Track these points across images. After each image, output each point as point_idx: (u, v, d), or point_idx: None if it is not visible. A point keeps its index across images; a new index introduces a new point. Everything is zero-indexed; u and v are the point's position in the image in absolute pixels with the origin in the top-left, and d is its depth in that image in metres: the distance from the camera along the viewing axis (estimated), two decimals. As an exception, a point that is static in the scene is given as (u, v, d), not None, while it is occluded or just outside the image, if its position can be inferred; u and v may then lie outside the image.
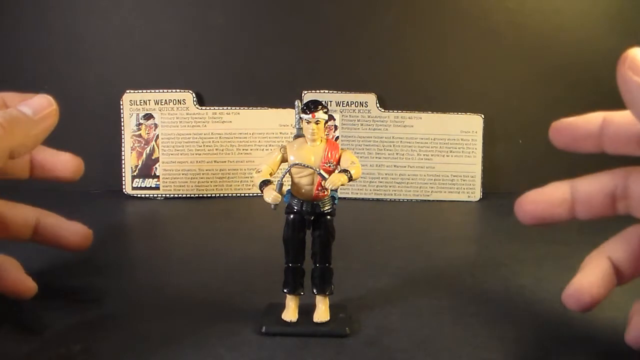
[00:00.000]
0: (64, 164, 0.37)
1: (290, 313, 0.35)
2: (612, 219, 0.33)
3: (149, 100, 0.67)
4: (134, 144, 0.67)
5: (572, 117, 0.33)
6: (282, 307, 0.36)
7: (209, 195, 0.67)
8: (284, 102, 0.67)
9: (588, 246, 0.34)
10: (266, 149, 0.67)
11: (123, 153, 0.67)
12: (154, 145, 0.67)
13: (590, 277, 0.32)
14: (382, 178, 0.67)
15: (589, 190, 0.32)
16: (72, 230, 0.39)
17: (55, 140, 0.36)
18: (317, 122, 0.34)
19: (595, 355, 0.33)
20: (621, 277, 0.33)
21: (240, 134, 0.67)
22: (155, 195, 0.67)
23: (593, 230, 0.37)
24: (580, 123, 0.32)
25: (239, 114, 0.67)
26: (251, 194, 0.67)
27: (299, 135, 0.35)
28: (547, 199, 0.33)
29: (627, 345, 0.33)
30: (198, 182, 0.67)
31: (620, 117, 0.32)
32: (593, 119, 0.32)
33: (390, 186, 0.67)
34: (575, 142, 0.32)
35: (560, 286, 0.42)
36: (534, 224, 0.33)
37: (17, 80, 0.65)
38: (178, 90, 0.67)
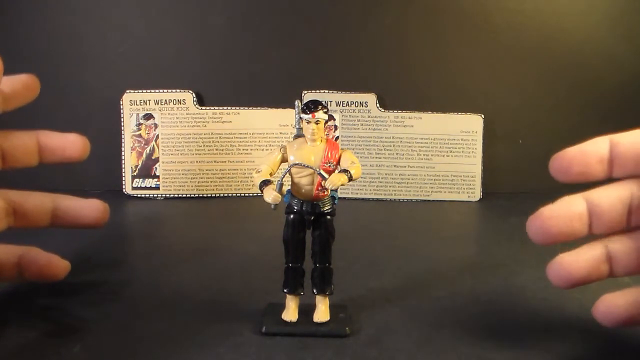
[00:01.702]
0: (73, 144, 0.38)
1: (290, 313, 0.35)
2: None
3: (149, 100, 0.67)
4: (134, 144, 0.67)
5: (574, 148, 0.31)
6: (282, 307, 0.36)
7: (209, 195, 0.67)
8: (284, 102, 0.67)
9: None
10: (266, 149, 0.67)
11: (123, 153, 0.67)
12: (154, 145, 0.67)
13: (575, 256, 0.31)
14: (382, 178, 0.67)
15: (606, 202, 0.31)
16: (89, 208, 0.39)
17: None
18: (317, 122, 0.34)
19: (595, 353, 0.33)
20: (614, 269, 0.32)
21: (240, 134, 0.67)
22: (155, 195, 0.67)
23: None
24: (587, 151, 0.31)
25: (239, 114, 0.67)
26: (251, 194, 0.67)
27: (299, 135, 0.35)
28: (566, 215, 0.31)
29: (624, 343, 0.33)
30: (198, 182, 0.67)
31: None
32: (599, 144, 0.31)
33: (390, 186, 0.67)
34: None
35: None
36: (550, 243, 0.31)
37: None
38: (178, 90, 0.67)
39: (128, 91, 0.67)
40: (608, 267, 0.32)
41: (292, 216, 0.35)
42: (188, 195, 0.67)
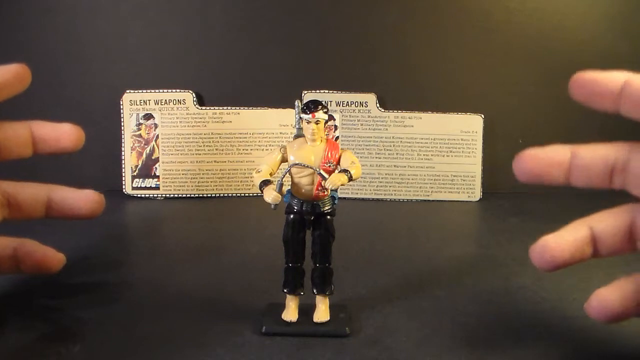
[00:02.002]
0: (67, 134, 0.38)
1: (290, 313, 0.35)
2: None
3: (149, 100, 0.67)
4: (134, 144, 0.67)
5: (595, 72, 0.32)
6: (282, 307, 0.36)
7: (209, 195, 0.67)
8: (284, 102, 0.67)
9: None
10: (266, 149, 0.67)
11: (123, 153, 0.67)
12: (154, 145, 0.67)
13: (559, 238, 0.32)
14: (382, 178, 0.67)
15: (590, 156, 0.32)
16: (84, 199, 0.39)
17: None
18: (317, 122, 0.34)
19: (594, 355, 0.33)
20: (598, 250, 0.32)
21: (240, 134, 0.67)
22: (155, 195, 0.67)
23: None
24: (602, 79, 0.32)
25: (239, 114, 0.67)
26: (251, 194, 0.67)
27: (299, 135, 0.35)
28: (547, 158, 0.32)
29: (624, 343, 0.33)
30: (198, 182, 0.67)
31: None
32: (616, 77, 0.31)
33: (390, 186, 0.67)
34: (594, 97, 0.32)
35: (560, 286, 0.42)
36: (529, 181, 0.32)
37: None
38: (178, 90, 0.67)
39: (128, 91, 0.67)
40: (591, 248, 0.32)
41: (292, 216, 0.35)
42: (188, 195, 0.67)
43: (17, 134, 0.37)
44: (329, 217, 0.35)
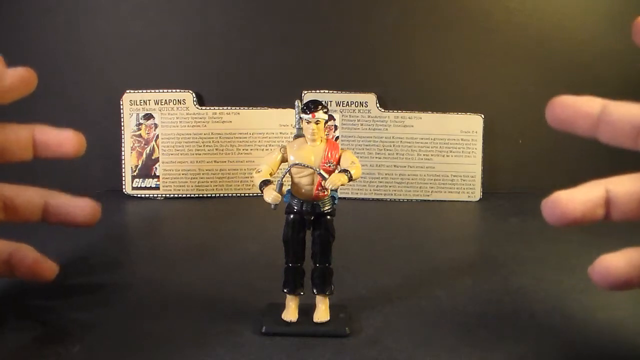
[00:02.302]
0: (69, 140, 0.37)
1: (290, 313, 0.35)
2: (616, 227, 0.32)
3: (149, 100, 0.67)
4: (134, 144, 0.67)
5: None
6: (282, 307, 0.36)
7: (209, 195, 0.67)
8: (284, 102, 0.67)
9: (588, 247, 0.34)
10: (266, 149, 0.67)
11: (123, 153, 0.67)
12: (154, 145, 0.67)
13: (572, 195, 0.31)
14: (382, 178, 0.67)
15: (618, 113, 0.31)
16: (80, 207, 0.38)
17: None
18: (317, 122, 0.34)
19: (594, 355, 0.33)
20: (611, 213, 0.31)
21: (240, 134, 0.67)
22: (155, 195, 0.67)
23: (594, 231, 0.37)
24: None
25: (239, 114, 0.67)
26: (251, 194, 0.67)
27: (299, 135, 0.35)
28: (576, 107, 0.32)
29: (624, 343, 0.33)
30: (198, 182, 0.67)
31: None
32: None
33: (390, 186, 0.67)
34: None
35: (560, 286, 0.42)
36: (557, 127, 0.32)
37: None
38: (178, 90, 0.67)
39: (128, 91, 0.67)
40: (604, 210, 0.31)
41: (292, 216, 0.35)
42: (188, 195, 0.67)
43: (18, 137, 0.37)
44: (329, 217, 0.35)
